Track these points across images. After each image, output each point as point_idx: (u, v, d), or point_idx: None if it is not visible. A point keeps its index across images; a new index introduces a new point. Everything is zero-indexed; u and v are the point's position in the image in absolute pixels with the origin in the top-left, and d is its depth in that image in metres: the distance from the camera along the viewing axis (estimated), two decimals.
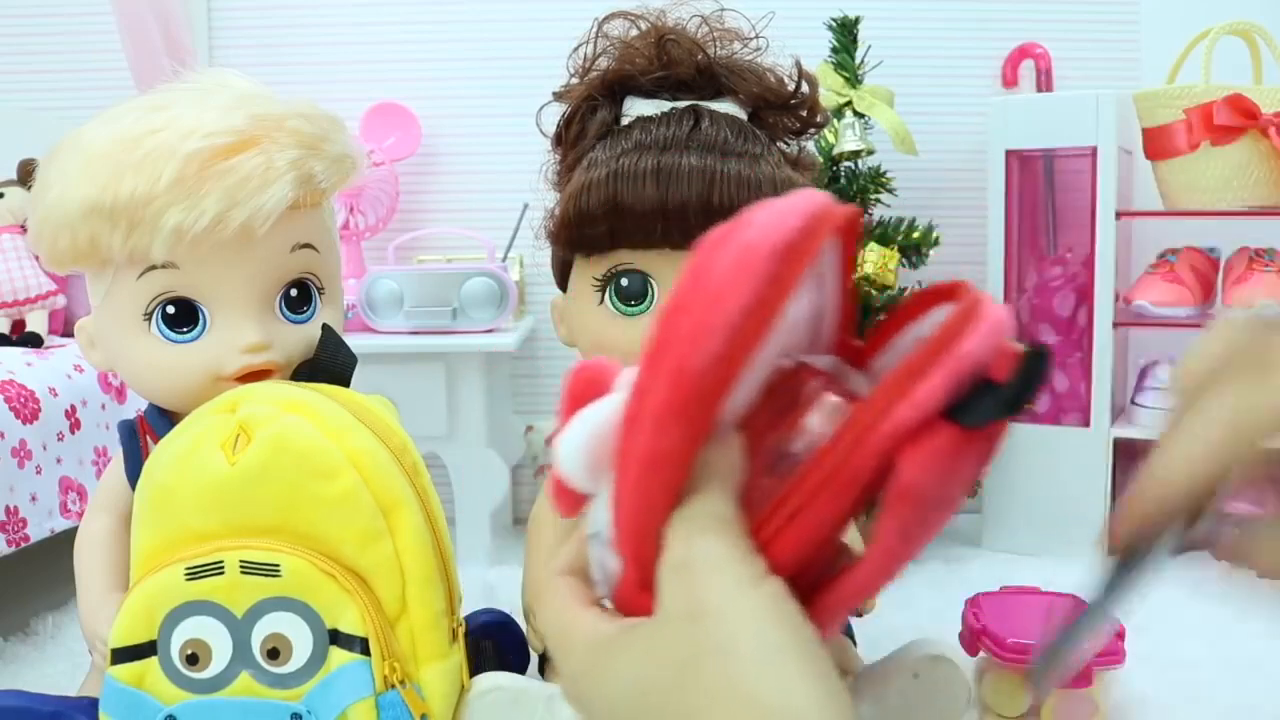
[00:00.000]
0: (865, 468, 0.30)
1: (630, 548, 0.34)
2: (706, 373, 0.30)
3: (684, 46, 0.75)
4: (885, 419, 0.29)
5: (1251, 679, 0.92)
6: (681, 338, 0.30)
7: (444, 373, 1.43)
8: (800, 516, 0.31)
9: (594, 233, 0.73)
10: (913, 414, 0.29)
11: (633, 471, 0.33)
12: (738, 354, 0.30)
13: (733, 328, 0.30)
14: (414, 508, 0.63)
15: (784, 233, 0.30)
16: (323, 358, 0.70)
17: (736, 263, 0.30)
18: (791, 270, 0.30)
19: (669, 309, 0.31)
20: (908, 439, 0.29)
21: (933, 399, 0.29)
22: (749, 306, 0.30)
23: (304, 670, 0.60)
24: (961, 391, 0.29)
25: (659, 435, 0.31)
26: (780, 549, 0.32)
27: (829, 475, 0.30)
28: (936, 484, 0.30)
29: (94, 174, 0.63)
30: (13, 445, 1.06)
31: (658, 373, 0.31)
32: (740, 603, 0.30)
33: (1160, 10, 1.68)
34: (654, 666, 0.32)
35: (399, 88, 1.68)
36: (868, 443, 0.29)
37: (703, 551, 0.31)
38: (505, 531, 1.61)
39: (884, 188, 1.50)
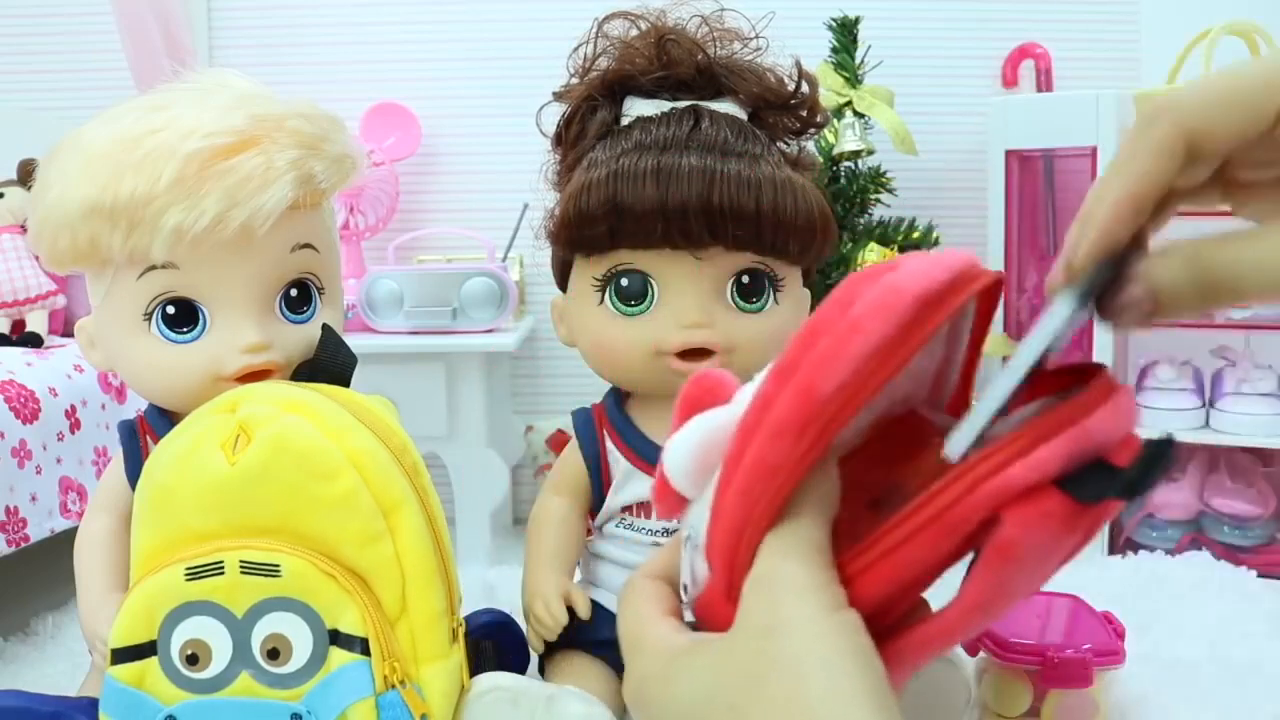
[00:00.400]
0: (971, 517, 0.30)
1: (723, 555, 0.35)
2: (831, 398, 0.31)
3: (684, 46, 0.75)
4: (1000, 473, 0.30)
5: (1251, 679, 0.92)
6: (814, 359, 0.32)
7: (444, 373, 1.43)
8: (896, 553, 0.31)
9: (594, 233, 0.73)
10: (1028, 474, 0.30)
11: (739, 479, 0.33)
12: (865, 386, 0.31)
13: (865, 360, 0.31)
14: (414, 508, 0.63)
15: (930, 282, 0.31)
16: (323, 358, 0.70)
17: (880, 300, 0.31)
18: (931, 319, 0.31)
19: (808, 329, 0.33)
20: (1018, 497, 0.30)
21: (1051, 463, 0.30)
22: (884, 344, 0.31)
23: (304, 670, 0.60)
24: (1079, 466, 0.30)
25: (773, 447, 0.32)
26: (868, 583, 0.32)
27: (933, 518, 0.31)
28: (1037, 546, 0.30)
29: (94, 174, 0.63)
30: (13, 445, 1.06)
31: (784, 387, 0.32)
32: (815, 624, 0.31)
33: (1160, 10, 1.68)
34: (724, 676, 0.32)
35: (399, 88, 1.68)
36: (978, 492, 0.30)
37: (787, 571, 0.32)
38: (505, 531, 1.61)
39: (884, 188, 1.50)
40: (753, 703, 0.31)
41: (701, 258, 0.73)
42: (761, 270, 0.75)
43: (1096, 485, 0.30)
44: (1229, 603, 1.13)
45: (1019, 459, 0.30)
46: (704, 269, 0.73)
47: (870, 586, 0.32)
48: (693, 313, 0.73)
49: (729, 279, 0.74)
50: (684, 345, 0.73)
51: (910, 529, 0.31)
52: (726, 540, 0.34)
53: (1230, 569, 1.26)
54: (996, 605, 0.32)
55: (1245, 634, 1.03)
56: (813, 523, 0.33)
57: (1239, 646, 0.99)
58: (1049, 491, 0.30)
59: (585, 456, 0.80)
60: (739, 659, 0.32)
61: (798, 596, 0.31)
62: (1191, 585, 1.19)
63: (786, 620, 0.31)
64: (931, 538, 0.31)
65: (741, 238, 0.72)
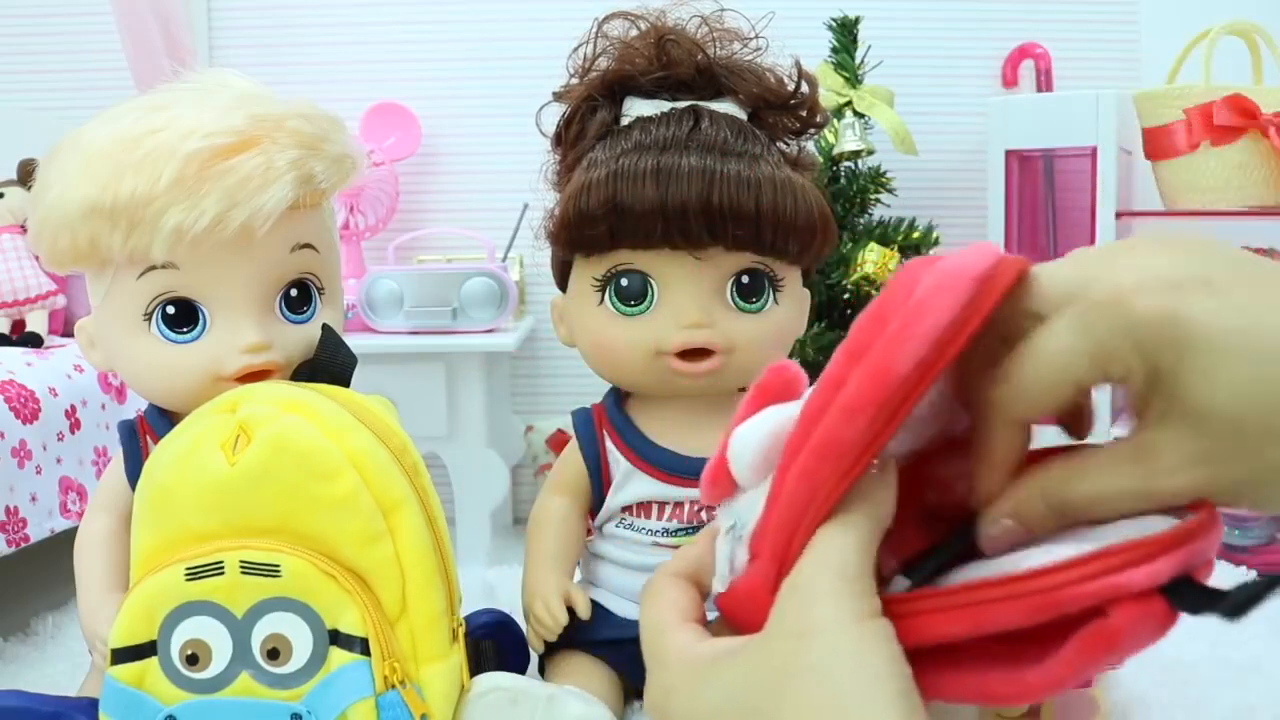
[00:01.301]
0: (1080, 602, 0.32)
1: (776, 542, 0.35)
2: (908, 375, 0.32)
3: (684, 47, 0.75)
4: (1124, 572, 0.32)
5: (1251, 679, 0.92)
6: (888, 339, 0.33)
7: (444, 373, 1.43)
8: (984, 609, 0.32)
9: (594, 233, 0.73)
10: (1147, 579, 0.32)
11: (804, 459, 0.34)
12: (938, 362, 0.32)
13: (935, 338, 0.32)
14: (414, 508, 0.63)
15: (984, 265, 0.34)
16: (323, 358, 0.70)
17: (942, 282, 0.33)
18: (988, 297, 0.33)
19: (874, 312, 0.34)
20: (1131, 597, 0.32)
21: (1166, 574, 0.32)
22: (954, 320, 0.32)
23: (304, 670, 0.60)
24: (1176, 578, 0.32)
25: (845, 425, 0.33)
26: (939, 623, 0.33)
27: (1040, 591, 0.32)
28: (1133, 642, 0.32)
29: (94, 174, 0.63)
30: (13, 445, 1.06)
31: (856, 367, 0.33)
32: (847, 630, 0.31)
33: (1160, 10, 1.68)
34: (753, 680, 0.33)
35: (399, 88, 1.68)
36: (1098, 583, 0.32)
37: (825, 578, 0.32)
38: (505, 531, 1.61)
39: (884, 188, 1.50)
40: (781, 706, 0.31)
41: (701, 258, 0.73)
42: (761, 270, 0.75)
43: (1198, 601, 0.32)
44: None
45: (1145, 564, 0.32)
46: (704, 269, 0.73)
47: (942, 626, 0.33)
48: (693, 313, 0.73)
49: (729, 279, 0.74)
50: (684, 345, 0.73)
51: (1016, 592, 0.32)
52: (784, 524, 0.35)
53: (1230, 569, 1.26)
54: (1071, 684, 0.33)
55: (1245, 634, 1.03)
56: (866, 524, 0.34)
57: (1239, 646, 0.99)
58: (1155, 597, 0.32)
59: (585, 456, 0.80)
60: (770, 663, 0.32)
61: (832, 602, 0.32)
62: None
63: (818, 625, 0.32)
64: (1034, 607, 0.32)
65: (741, 238, 0.71)
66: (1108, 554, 0.32)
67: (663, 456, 0.77)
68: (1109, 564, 0.32)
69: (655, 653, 0.37)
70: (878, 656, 0.31)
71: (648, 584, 0.40)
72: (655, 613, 0.38)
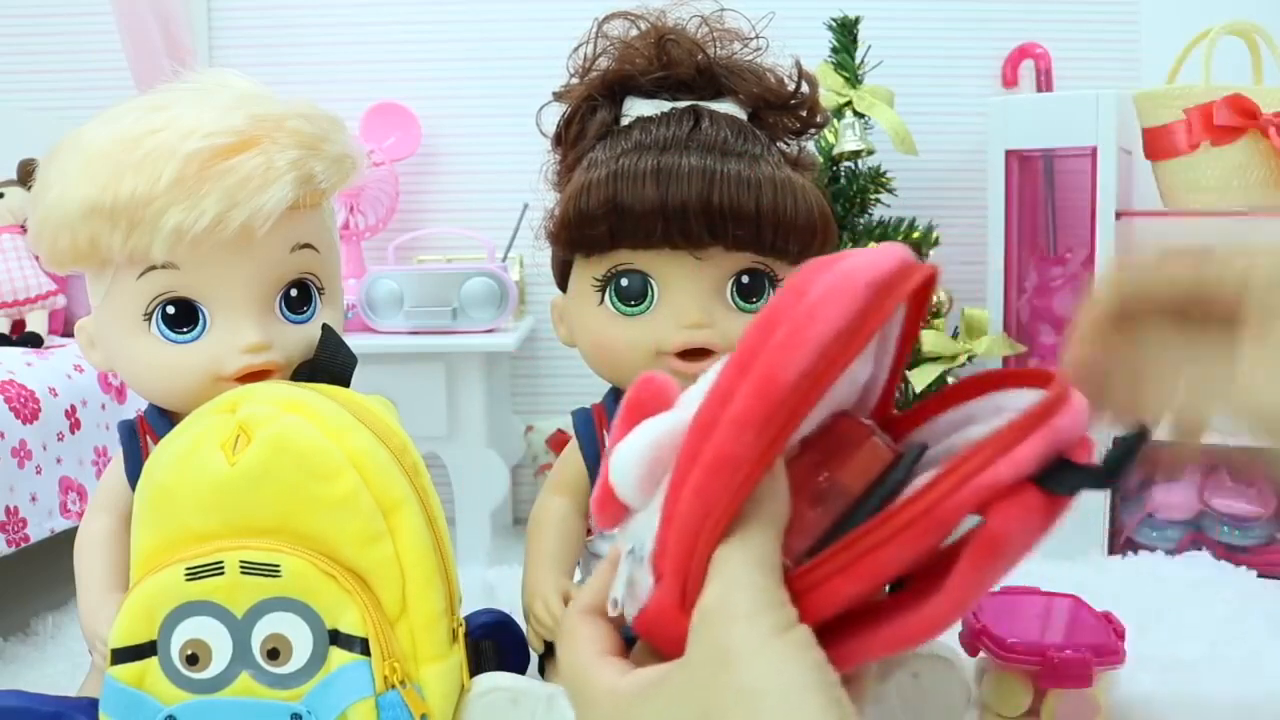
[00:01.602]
0: (959, 513, 0.31)
1: (676, 560, 0.34)
2: (796, 386, 0.31)
3: (684, 47, 0.75)
4: (988, 469, 0.31)
5: (1251, 679, 0.92)
6: (773, 348, 0.32)
7: (444, 373, 1.43)
8: (879, 551, 0.32)
9: (594, 233, 0.73)
10: (1012, 470, 0.31)
11: (696, 476, 0.33)
12: (826, 374, 0.31)
13: (825, 345, 0.31)
14: (414, 508, 0.63)
15: (882, 269, 0.32)
16: (323, 358, 0.70)
17: (835, 286, 0.32)
18: (884, 304, 0.32)
19: (761, 320, 0.33)
20: (1001, 495, 0.31)
21: (1030, 462, 0.31)
22: (843, 329, 0.31)
23: (304, 670, 0.60)
24: (1049, 464, 0.31)
25: (735, 440, 0.32)
26: (844, 582, 0.32)
27: (920, 514, 0.31)
28: (1019, 540, 0.31)
29: (94, 174, 0.63)
30: (13, 445, 1.06)
31: (743, 379, 0.32)
32: (767, 648, 0.31)
33: (1160, 10, 1.68)
34: (682, 708, 0.32)
35: (399, 88, 1.68)
36: (966, 489, 0.31)
37: (736, 598, 0.32)
38: (505, 531, 1.61)
39: (884, 188, 1.50)
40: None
41: (701, 258, 0.73)
42: (761, 270, 0.75)
43: (1071, 480, 0.31)
44: (1229, 603, 1.13)
45: (1002, 456, 0.31)
46: (704, 269, 0.73)
47: (846, 585, 0.32)
48: (693, 313, 0.73)
49: (729, 279, 0.74)
50: (684, 345, 0.73)
51: (895, 527, 0.31)
52: (681, 543, 0.34)
53: (1230, 569, 1.26)
54: (976, 598, 0.32)
55: (1245, 634, 1.03)
56: (764, 535, 0.33)
57: (1239, 646, 0.99)
58: (1029, 488, 0.31)
59: (585, 457, 0.80)
60: (694, 693, 0.32)
61: (746, 622, 0.31)
62: (1191, 585, 1.19)
63: (735, 649, 0.31)
64: (918, 535, 0.31)
65: (741, 238, 0.71)
66: (965, 458, 0.31)
67: None
68: (969, 467, 0.31)
69: (580, 692, 0.36)
70: (800, 669, 0.31)
71: (560, 625, 0.39)
72: (573, 653, 0.37)
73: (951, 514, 0.31)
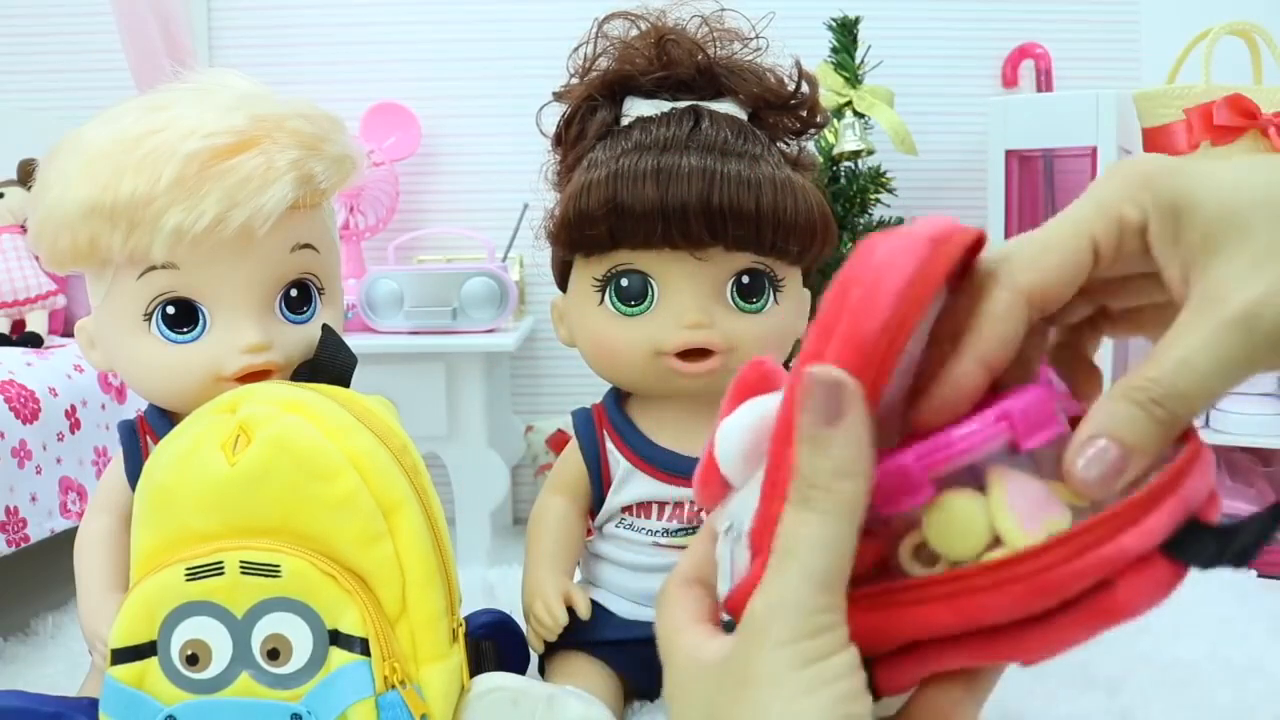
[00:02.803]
0: (1076, 583, 0.30)
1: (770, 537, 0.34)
2: (879, 337, 0.31)
3: (684, 47, 0.75)
4: (1113, 541, 0.30)
5: (1251, 679, 0.92)
6: (852, 307, 0.32)
7: (444, 373, 1.43)
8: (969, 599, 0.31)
9: (594, 233, 0.73)
10: (1140, 543, 0.30)
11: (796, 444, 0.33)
12: (905, 321, 0.32)
13: (900, 293, 0.32)
14: (414, 508, 0.62)
15: (938, 227, 0.33)
16: (323, 358, 0.70)
17: (899, 245, 0.33)
18: (944, 256, 0.33)
19: (837, 286, 0.33)
20: (1129, 565, 0.30)
21: (1159, 531, 0.30)
22: (914, 276, 0.32)
23: (304, 671, 0.60)
24: (1178, 529, 0.31)
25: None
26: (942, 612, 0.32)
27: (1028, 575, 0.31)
28: (1141, 608, 0.31)
29: (94, 174, 0.63)
30: (13, 445, 1.06)
31: (828, 341, 0.32)
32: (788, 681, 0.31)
33: (1160, 10, 1.68)
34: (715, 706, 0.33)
35: (399, 88, 1.68)
36: (1087, 558, 0.30)
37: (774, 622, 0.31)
38: (505, 531, 1.61)
39: (884, 188, 1.50)
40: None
41: (701, 258, 0.73)
42: (761, 270, 0.75)
43: (1204, 551, 0.31)
44: (1229, 603, 1.13)
45: (1131, 528, 0.30)
46: (704, 269, 0.73)
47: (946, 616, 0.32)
48: (693, 313, 0.73)
49: (729, 279, 0.74)
50: (684, 345, 0.73)
51: (1007, 577, 0.31)
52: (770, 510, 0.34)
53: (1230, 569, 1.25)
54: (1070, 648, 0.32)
55: (1245, 634, 1.03)
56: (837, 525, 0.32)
57: (1239, 646, 0.99)
58: (1159, 560, 0.31)
59: (585, 457, 0.80)
60: (723, 696, 0.32)
61: (777, 650, 0.31)
62: (1191, 585, 1.19)
63: (759, 676, 0.31)
64: (1029, 593, 0.31)
65: (741, 238, 0.72)
66: (1094, 525, 0.30)
67: (663, 456, 0.77)
68: (1094, 537, 0.30)
69: (666, 653, 0.37)
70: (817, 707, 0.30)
71: (659, 593, 0.39)
72: (664, 615, 0.37)
73: (1070, 580, 0.30)
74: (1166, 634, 1.01)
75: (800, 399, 0.32)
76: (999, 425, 0.33)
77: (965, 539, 0.32)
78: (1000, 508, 0.32)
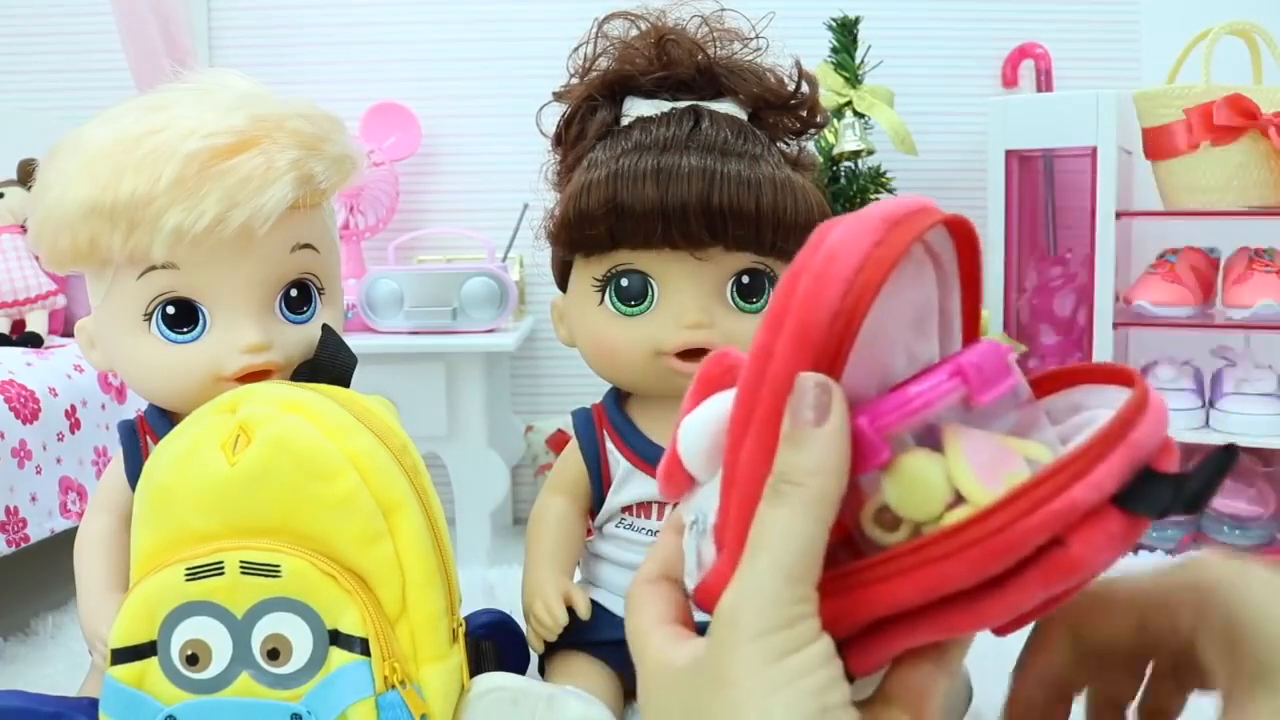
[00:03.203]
0: (1029, 541, 0.30)
1: (736, 529, 0.33)
2: (831, 326, 0.31)
3: (684, 47, 0.75)
4: (1062, 495, 0.29)
5: None
6: (801, 297, 0.31)
7: (444, 373, 1.43)
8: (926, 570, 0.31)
9: (594, 233, 0.73)
10: (1090, 494, 0.29)
11: (751, 438, 0.32)
12: (856, 307, 0.31)
13: (849, 280, 0.31)
14: (414, 508, 0.62)
15: (894, 206, 0.32)
16: (323, 358, 0.70)
17: (850, 227, 0.32)
18: (901, 236, 0.32)
19: (788, 275, 0.32)
20: (1081, 519, 0.30)
21: (1110, 483, 0.30)
22: (862, 261, 0.31)
23: (304, 671, 0.60)
24: (1131, 479, 0.30)
25: (782, 395, 0.32)
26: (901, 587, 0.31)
27: (982, 538, 0.30)
28: (1099, 564, 0.30)
29: (94, 174, 0.63)
30: (13, 445, 1.06)
31: (779, 333, 0.32)
32: (762, 676, 0.31)
33: (1160, 10, 1.68)
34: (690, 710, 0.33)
35: (399, 88, 1.68)
36: (1038, 515, 0.29)
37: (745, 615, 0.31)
38: (505, 531, 1.61)
39: (884, 188, 1.50)
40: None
41: (701, 258, 0.73)
42: (761, 270, 0.75)
43: (1157, 500, 0.30)
44: None
45: (1078, 481, 0.30)
46: (704, 269, 0.73)
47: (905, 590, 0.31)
48: (693, 313, 0.73)
49: (729, 279, 0.74)
50: (684, 345, 0.73)
51: (962, 542, 0.30)
52: (741, 511, 0.33)
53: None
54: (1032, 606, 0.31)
55: None
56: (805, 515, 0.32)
57: None
58: (1111, 512, 0.30)
59: (585, 457, 0.80)
60: (698, 699, 0.32)
61: (750, 645, 0.31)
62: None
63: (732, 672, 0.31)
64: (985, 556, 0.30)
65: (741, 238, 0.72)
66: (1039, 481, 0.30)
67: None
68: (1043, 491, 0.29)
69: (636, 655, 0.36)
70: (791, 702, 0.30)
71: (628, 595, 0.39)
72: (633, 617, 0.37)
73: (1022, 539, 0.30)
74: None
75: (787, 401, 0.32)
76: (953, 381, 0.32)
77: (926, 500, 0.32)
78: (959, 465, 0.31)
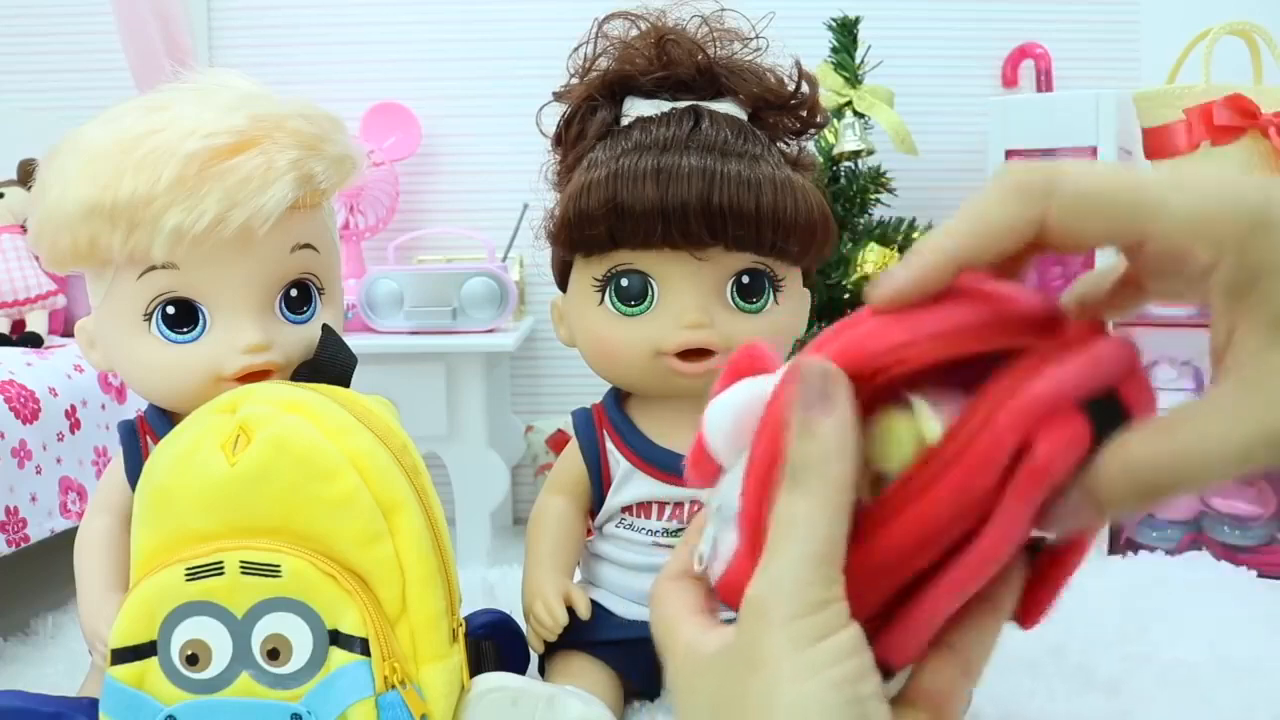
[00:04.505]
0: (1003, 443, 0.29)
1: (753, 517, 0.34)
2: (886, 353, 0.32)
3: (684, 47, 0.75)
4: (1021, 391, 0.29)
5: (1251, 679, 0.92)
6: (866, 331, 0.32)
7: (444, 373, 1.43)
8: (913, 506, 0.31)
9: (594, 233, 0.73)
10: (1048, 386, 0.29)
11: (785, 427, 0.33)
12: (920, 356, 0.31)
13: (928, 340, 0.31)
14: (414, 508, 0.63)
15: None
16: (323, 358, 0.70)
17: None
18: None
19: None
20: (1045, 420, 0.29)
21: (1068, 380, 0.29)
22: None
23: (304, 671, 0.60)
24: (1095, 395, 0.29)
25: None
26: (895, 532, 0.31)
27: (956, 455, 0.30)
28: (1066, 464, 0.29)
29: (94, 174, 0.63)
30: (13, 445, 1.06)
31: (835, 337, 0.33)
32: (793, 662, 0.31)
33: (1160, 10, 1.68)
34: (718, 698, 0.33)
35: (399, 88, 1.68)
36: (1003, 413, 0.29)
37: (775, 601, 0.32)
38: (505, 531, 1.61)
39: (884, 188, 1.50)
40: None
41: (701, 258, 0.73)
42: (761, 270, 0.75)
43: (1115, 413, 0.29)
44: (1229, 603, 1.13)
45: (1037, 376, 0.29)
46: (704, 269, 0.73)
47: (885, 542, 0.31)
48: (693, 313, 0.73)
49: (729, 279, 0.74)
50: (684, 345, 0.73)
51: (930, 475, 0.30)
52: (757, 492, 0.33)
53: (1230, 569, 1.25)
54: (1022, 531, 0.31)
55: (1245, 634, 1.03)
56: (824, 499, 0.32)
57: (1239, 646, 0.99)
58: (1074, 414, 0.29)
59: (585, 457, 0.80)
60: (731, 685, 0.32)
61: (782, 630, 0.31)
62: (1191, 585, 1.19)
63: (766, 658, 0.31)
64: (959, 478, 0.30)
65: (741, 238, 0.72)
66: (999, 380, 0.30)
67: (662, 456, 0.77)
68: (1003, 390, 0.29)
69: (666, 648, 0.37)
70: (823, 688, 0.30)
71: (651, 591, 0.39)
72: (660, 611, 0.38)
73: (994, 444, 0.29)
74: (1166, 634, 1.01)
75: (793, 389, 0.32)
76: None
77: (898, 448, 0.32)
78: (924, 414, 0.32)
